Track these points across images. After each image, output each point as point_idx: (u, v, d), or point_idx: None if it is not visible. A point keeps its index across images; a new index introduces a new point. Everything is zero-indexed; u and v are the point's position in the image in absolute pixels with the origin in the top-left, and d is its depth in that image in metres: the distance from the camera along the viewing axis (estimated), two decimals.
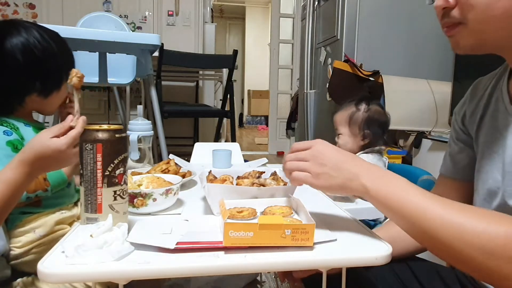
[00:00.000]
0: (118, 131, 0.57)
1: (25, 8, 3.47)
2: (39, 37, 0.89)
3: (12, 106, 0.90)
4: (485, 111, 0.69)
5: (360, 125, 1.33)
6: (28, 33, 0.87)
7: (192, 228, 0.62)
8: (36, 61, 0.88)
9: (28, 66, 0.87)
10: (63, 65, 0.92)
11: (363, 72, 2.49)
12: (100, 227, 0.52)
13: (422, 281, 0.76)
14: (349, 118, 1.35)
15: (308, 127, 3.46)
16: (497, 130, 0.64)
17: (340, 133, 1.38)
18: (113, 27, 2.51)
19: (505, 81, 0.66)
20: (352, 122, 1.34)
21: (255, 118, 8.02)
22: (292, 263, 0.51)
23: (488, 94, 0.69)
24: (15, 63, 0.86)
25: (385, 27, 2.71)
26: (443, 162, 0.81)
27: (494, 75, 0.71)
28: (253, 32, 8.09)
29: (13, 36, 0.86)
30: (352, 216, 0.69)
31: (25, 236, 0.88)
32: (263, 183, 0.77)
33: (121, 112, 3.24)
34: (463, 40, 0.58)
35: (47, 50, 0.89)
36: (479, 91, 0.72)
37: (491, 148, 0.65)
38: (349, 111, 1.37)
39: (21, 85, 0.89)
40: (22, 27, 0.88)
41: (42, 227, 0.89)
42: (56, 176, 0.90)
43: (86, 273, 0.47)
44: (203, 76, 3.78)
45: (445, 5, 0.57)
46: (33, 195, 0.85)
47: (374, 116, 1.35)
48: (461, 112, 0.76)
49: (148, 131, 1.12)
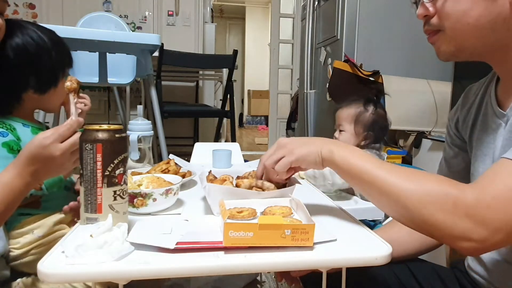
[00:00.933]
0: (118, 131, 0.57)
1: (25, 8, 3.47)
2: (33, 34, 0.90)
3: (10, 104, 0.90)
4: (476, 116, 0.71)
5: (365, 126, 1.33)
6: (22, 31, 0.89)
7: (192, 228, 0.62)
8: (29, 57, 0.88)
9: (21, 62, 0.88)
10: (58, 62, 0.93)
11: (363, 72, 2.49)
12: (100, 227, 0.52)
13: (421, 282, 0.76)
14: (356, 116, 1.34)
15: (308, 127, 3.46)
16: (487, 133, 0.67)
17: (343, 129, 1.36)
18: (113, 27, 2.51)
19: (493, 86, 0.68)
20: (358, 121, 1.33)
21: (255, 118, 8.02)
22: (292, 263, 0.51)
23: (479, 99, 0.72)
24: (8, 60, 0.86)
25: (385, 27, 2.71)
26: (439, 167, 0.84)
27: (484, 81, 0.73)
28: (253, 32, 8.09)
29: (8, 34, 0.86)
30: (352, 216, 0.69)
31: (24, 238, 0.88)
32: (261, 186, 0.77)
33: (121, 112, 3.24)
34: (443, 46, 0.62)
35: (40, 46, 0.90)
36: (471, 97, 0.75)
37: (483, 151, 0.67)
38: (356, 109, 1.35)
39: (15, 81, 0.89)
40: (16, 26, 0.89)
41: (40, 228, 0.89)
42: None
43: (86, 273, 0.47)
44: (203, 76, 3.78)
45: (425, 13, 0.61)
46: (27, 195, 0.85)
47: (379, 120, 1.35)
48: (454, 118, 0.78)
49: (148, 131, 1.12)
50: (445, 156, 0.82)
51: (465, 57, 0.63)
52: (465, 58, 0.63)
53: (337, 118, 1.40)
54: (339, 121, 1.38)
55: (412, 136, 2.52)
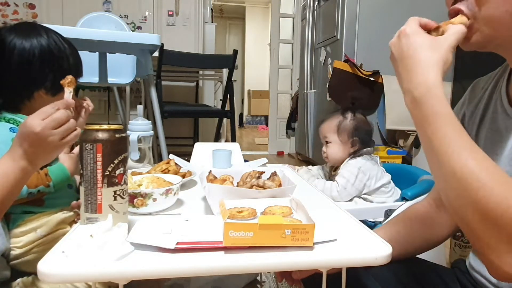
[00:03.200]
0: (118, 131, 0.57)
1: (25, 8, 3.47)
2: (56, 38, 0.95)
3: (21, 101, 0.92)
4: (484, 113, 0.69)
5: (348, 132, 1.40)
6: (47, 33, 0.94)
7: (192, 228, 0.62)
8: (52, 57, 0.93)
9: (43, 60, 0.91)
10: (73, 68, 0.97)
11: (363, 72, 2.49)
12: (100, 227, 0.52)
13: (422, 282, 0.76)
14: (337, 126, 1.41)
15: (308, 127, 3.46)
16: (497, 132, 0.65)
17: (329, 141, 1.43)
18: (113, 27, 2.51)
19: (504, 83, 0.66)
20: (340, 130, 1.41)
21: (255, 118, 8.02)
22: (292, 263, 0.51)
23: (487, 95, 0.69)
24: (31, 57, 0.90)
25: (385, 27, 2.71)
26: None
27: (494, 76, 0.70)
28: (253, 32, 8.09)
29: (33, 35, 0.91)
30: (352, 216, 0.69)
31: (26, 236, 0.88)
32: (262, 185, 0.77)
33: (121, 112, 3.24)
34: (472, 36, 0.57)
35: (62, 50, 0.95)
36: (478, 92, 0.72)
37: (491, 150, 0.65)
38: (336, 120, 1.43)
39: (33, 78, 0.91)
40: (42, 29, 0.95)
41: (44, 227, 0.89)
42: (58, 171, 0.90)
43: (86, 273, 0.47)
44: (203, 76, 3.78)
45: None
46: (35, 191, 0.85)
47: (361, 124, 1.42)
48: (460, 113, 0.76)
49: (148, 131, 1.13)
50: None
51: (490, 49, 0.59)
52: (489, 49, 0.59)
53: (320, 134, 1.48)
54: (324, 134, 1.46)
55: (412, 136, 2.52)
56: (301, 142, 3.82)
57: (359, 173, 1.35)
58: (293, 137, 4.41)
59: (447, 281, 0.75)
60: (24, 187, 0.82)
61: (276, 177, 0.82)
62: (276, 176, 0.82)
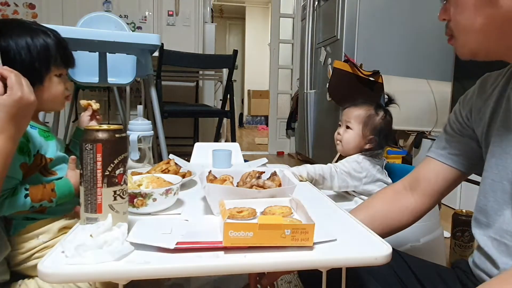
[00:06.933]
0: (118, 131, 0.57)
1: (25, 8, 3.47)
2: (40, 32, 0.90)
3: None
4: (495, 110, 0.69)
5: (372, 129, 1.32)
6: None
7: (192, 228, 0.62)
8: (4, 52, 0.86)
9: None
10: (39, 59, 0.89)
11: (363, 72, 2.49)
12: (100, 227, 0.52)
13: (422, 281, 0.76)
14: (367, 118, 1.33)
15: (308, 127, 3.46)
16: (509, 130, 0.65)
17: (351, 127, 1.35)
18: (113, 27, 2.50)
19: None
20: (367, 124, 1.33)
21: (255, 118, 8.02)
22: (292, 263, 0.51)
23: (498, 92, 0.69)
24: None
25: (385, 27, 2.71)
26: (434, 145, 0.82)
27: (503, 74, 0.71)
28: (253, 32, 8.08)
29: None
30: (352, 216, 0.69)
31: (29, 242, 0.88)
32: (262, 185, 0.77)
33: (121, 112, 3.24)
34: (459, 50, 0.63)
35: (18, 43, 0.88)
36: (488, 88, 0.72)
37: (503, 148, 0.65)
38: (367, 111, 1.35)
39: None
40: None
41: (46, 233, 0.89)
42: (64, 188, 0.89)
43: (86, 273, 0.47)
44: (203, 76, 3.78)
45: (443, 17, 0.63)
46: (37, 205, 0.84)
47: (387, 127, 1.34)
48: (467, 105, 0.76)
49: (148, 131, 1.12)
50: (446, 138, 0.79)
51: (483, 58, 0.63)
52: (483, 59, 0.63)
53: (345, 115, 1.38)
54: (348, 118, 1.36)
55: (412, 136, 2.52)
56: (301, 142, 3.82)
57: (357, 166, 1.31)
58: (293, 137, 4.41)
59: (448, 281, 0.75)
60: (28, 200, 0.82)
61: (276, 177, 0.82)
62: (276, 176, 0.82)
